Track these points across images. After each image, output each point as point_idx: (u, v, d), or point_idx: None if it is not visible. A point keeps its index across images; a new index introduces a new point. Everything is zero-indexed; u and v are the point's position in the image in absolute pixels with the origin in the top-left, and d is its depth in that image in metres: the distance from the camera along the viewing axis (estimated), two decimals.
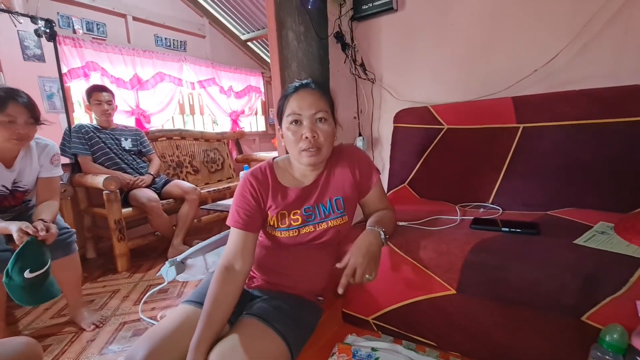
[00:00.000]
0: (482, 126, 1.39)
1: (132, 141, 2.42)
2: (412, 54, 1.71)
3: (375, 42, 1.78)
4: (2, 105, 1.26)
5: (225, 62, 3.59)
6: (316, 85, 0.94)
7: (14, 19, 2.09)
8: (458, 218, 1.15)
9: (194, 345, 0.81)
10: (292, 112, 0.90)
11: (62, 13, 2.41)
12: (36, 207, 1.47)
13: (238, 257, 0.92)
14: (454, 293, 0.91)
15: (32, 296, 1.28)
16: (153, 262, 2.28)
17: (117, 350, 1.35)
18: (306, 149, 0.89)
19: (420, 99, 1.70)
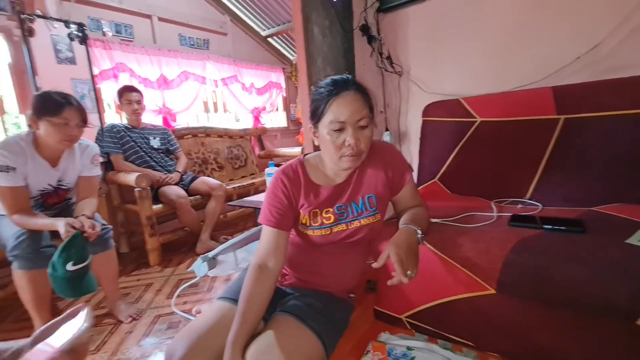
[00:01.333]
0: (519, 118, 1.33)
1: (160, 140, 2.49)
2: (442, 44, 1.65)
3: (402, 34, 1.73)
4: (59, 108, 1.34)
5: (246, 59, 3.61)
6: (357, 87, 0.89)
7: (49, 24, 2.18)
8: (495, 215, 1.10)
9: (230, 342, 0.82)
10: (335, 120, 0.86)
11: (92, 17, 2.49)
12: (76, 204, 1.54)
13: (271, 256, 0.93)
14: (494, 293, 0.88)
15: (73, 289, 1.34)
16: (183, 256, 2.35)
17: (153, 343, 1.40)
18: (347, 155, 0.88)
19: (451, 91, 1.64)
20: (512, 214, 1.09)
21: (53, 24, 2.19)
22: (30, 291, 1.38)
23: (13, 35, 2.11)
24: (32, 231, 1.36)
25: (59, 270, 1.26)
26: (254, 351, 0.80)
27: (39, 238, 1.37)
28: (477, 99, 1.47)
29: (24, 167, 1.38)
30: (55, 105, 1.35)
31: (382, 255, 0.86)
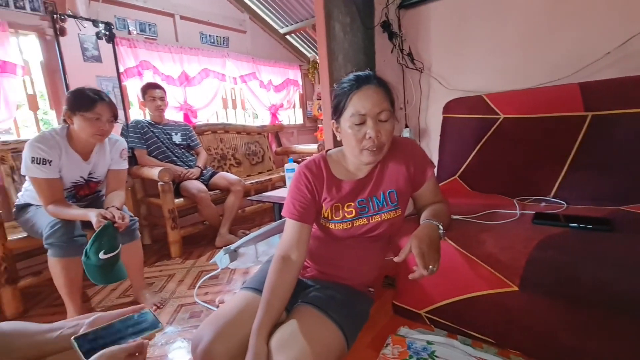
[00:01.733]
0: (544, 115, 1.30)
1: (182, 135, 2.56)
2: (464, 40, 1.63)
3: (424, 30, 1.72)
4: (92, 104, 1.41)
5: (264, 56, 3.65)
6: (378, 81, 0.91)
7: (79, 24, 2.27)
8: (518, 212, 1.09)
9: (255, 330, 0.85)
10: (356, 112, 0.88)
11: (119, 16, 2.58)
12: (105, 196, 1.61)
13: (294, 248, 0.95)
14: (516, 290, 0.88)
15: (104, 276, 1.41)
16: (203, 249, 2.42)
17: (177, 331, 1.45)
18: (369, 148, 0.88)
19: (473, 87, 1.62)
20: (535, 211, 1.07)
21: (82, 23, 2.28)
22: (63, 277, 1.45)
23: (46, 35, 2.20)
24: (65, 221, 1.43)
25: (92, 258, 1.33)
26: (278, 339, 0.83)
27: (72, 227, 1.44)
28: (500, 95, 1.45)
29: (59, 160, 1.45)
30: (88, 101, 1.42)
31: (404, 249, 0.87)
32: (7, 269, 1.58)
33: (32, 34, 2.18)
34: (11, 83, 1.98)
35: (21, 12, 2.08)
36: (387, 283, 1.37)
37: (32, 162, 1.38)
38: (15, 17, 2.05)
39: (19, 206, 1.62)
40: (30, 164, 1.39)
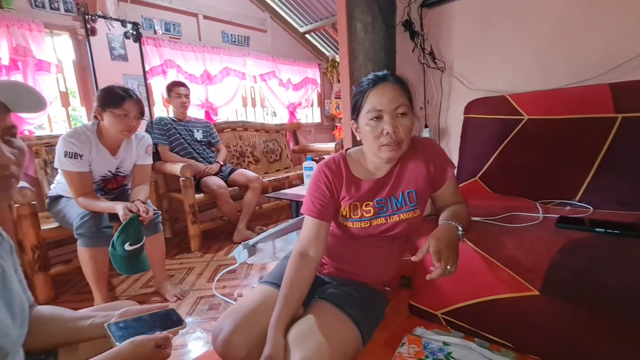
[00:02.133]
0: (571, 116, 1.26)
1: (203, 132, 2.62)
2: (488, 39, 1.60)
3: (447, 29, 1.70)
4: (121, 101, 1.47)
5: (284, 55, 3.68)
6: (395, 78, 0.92)
7: (108, 24, 2.36)
8: (540, 215, 1.07)
9: (273, 322, 0.87)
10: (372, 109, 0.89)
11: (145, 16, 2.66)
12: (131, 190, 1.68)
13: (312, 245, 0.97)
14: (537, 294, 0.86)
15: (129, 266, 1.48)
16: (221, 244, 2.48)
17: (196, 321, 1.50)
18: (387, 144, 0.89)
19: (496, 87, 1.59)
20: (559, 215, 1.05)
21: (112, 23, 2.37)
22: (91, 266, 1.52)
23: (78, 35, 2.31)
24: (94, 213, 1.51)
25: (118, 249, 1.39)
26: (296, 333, 0.85)
27: (100, 219, 1.51)
28: (524, 95, 1.41)
29: (89, 154, 1.52)
30: (117, 98, 1.48)
31: (422, 248, 0.87)
32: (40, 256, 1.67)
33: (66, 33, 2.29)
34: (46, 80, 2.08)
35: (56, 13, 2.19)
36: (403, 283, 1.37)
37: (65, 155, 1.46)
38: (51, 17, 2.16)
39: (52, 197, 1.71)
40: (63, 158, 1.46)
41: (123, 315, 0.71)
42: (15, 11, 1.98)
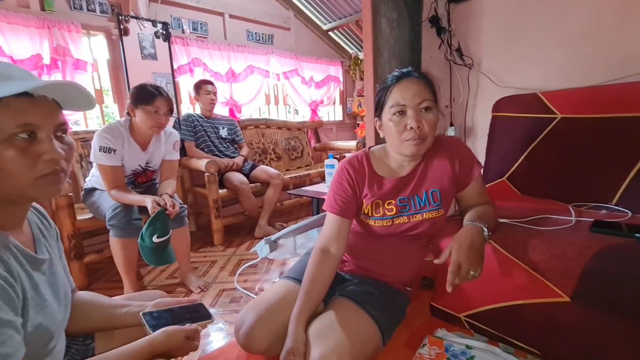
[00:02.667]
0: (609, 115, 1.20)
1: (228, 130, 2.68)
2: (520, 34, 1.54)
3: (475, 24, 1.65)
4: (152, 98, 1.54)
5: (307, 52, 3.69)
6: (419, 74, 0.92)
7: (140, 24, 2.46)
8: (573, 219, 1.02)
9: (294, 317, 0.89)
10: (395, 103, 0.89)
11: (174, 16, 2.75)
12: (160, 184, 1.75)
13: (333, 241, 0.97)
14: (568, 301, 0.83)
15: (157, 258, 1.54)
16: (242, 239, 2.53)
17: (218, 313, 1.54)
18: (410, 139, 0.88)
19: (527, 85, 1.53)
20: (594, 219, 1.00)
21: (143, 23, 2.46)
22: (122, 256, 1.60)
23: (112, 35, 2.41)
24: (125, 205, 1.57)
25: (147, 241, 1.45)
26: (317, 328, 0.86)
27: (130, 211, 1.58)
28: (558, 93, 1.35)
29: (122, 149, 1.59)
30: (149, 95, 1.54)
31: (445, 252, 0.86)
32: (75, 245, 1.77)
33: (101, 34, 2.40)
34: (83, 79, 2.20)
35: (92, 15, 2.30)
36: (425, 284, 1.35)
37: (100, 150, 1.54)
38: (87, 19, 2.27)
39: (86, 190, 1.80)
40: (98, 152, 1.54)
41: (156, 306, 0.75)
42: (55, 13, 2.09)
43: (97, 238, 2.11)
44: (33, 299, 0.54)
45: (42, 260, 0.60)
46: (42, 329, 0.55)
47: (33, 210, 0.68)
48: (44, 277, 0.60)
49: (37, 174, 0.52)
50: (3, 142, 0.49)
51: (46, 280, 0.61)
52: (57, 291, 0.63)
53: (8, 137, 0.49)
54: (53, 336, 0.59)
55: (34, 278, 0.56)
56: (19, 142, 0.50)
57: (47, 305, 0.58)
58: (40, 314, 0.55)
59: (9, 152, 0.49)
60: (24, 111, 0.50)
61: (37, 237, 0.64)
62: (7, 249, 0.52)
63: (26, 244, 0.59)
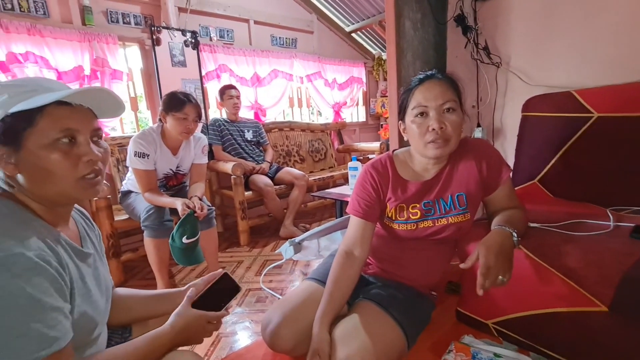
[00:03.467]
0: None
1: (253, 133, 2.75)
2: (552, 30, 1.47)
3: (504, 22, 1.59)
4: (181, 105, 1.62)
5: (330, 55, 3.71)
6: (443, 75, 0.91)
7: (171, 34, 2.57)
8: (611, 224, 0.97)
9: (318, 318, 0.90)
10: (417, 105, 0.88)
11: (203, 24, 2.85)
12: (189, 186, 1.83)
13: (357, 244, 0.98)
14: (605, 311, 0.79)
15: (186, 258, 1.61)
16: (267, 239, 2.58)
17: (244, 312, 1.59)
18: (433, 141, 0.87)
19: (560, 82, 1.46)
20: (635, 224, 0.94)
21: (173, 33, 2.58)
22: (155, 255, 1.68)
23: (145, 45, 2.55)
24: (157, 207, 1.66)
25: (177, 241, 1.53)
26: (342, 330, 0.87)
27: (162, 213, 1.67)
28: (594, 91, 1.28)
29: (154, 154, 1.68)
30: (178, 102, 1.62)
31: (471, 257, 0.84)
32: (113, 244, 1.88)
33: (135, 44, 2.54)
34: (119, 87, 2.33)
35: (127, 27, 2.44)
36: (450, 289, 1.32)
37: (135, 155, 1.63)
38: (123, 31, 2.41)
39: (123, 192, 1.91)
40: (133, 157, 1.63)
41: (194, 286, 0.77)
42: (94, 27, 2.24)
43: (132, 237, 2.23)
44: (80, 289, 0.59)
45: (88, 254, 0.66)
46: (87, 316, 0.61)
47: (77, 212, 0.75)
48: (89, 269, 0.66)
49: (78, 175, 0.58)
50: (48, 146, 0.55)
51: (91, 273, 0.66)
52: (100, 284, 0.69)
53: (52, 142, 0.56)
54: (97, 325, 0.65)
55: (81, 269, 0.62)
56: (61, 146, 0.56)
57: (91, 295, 0.63)
58: (86, 303, 0.61)
59: (54, 155, 0.56)
60: (65, 117, 0.57)
61: (83, 234, 0.70)
62: (58, 242, 0.58)
63: (74, 239, 0.65)
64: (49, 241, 0.55)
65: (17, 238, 0.50)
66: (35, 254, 0.50)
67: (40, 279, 0.50)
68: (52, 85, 0.59)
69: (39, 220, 0.58)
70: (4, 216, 0.54)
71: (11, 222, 0.53)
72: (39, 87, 0.57)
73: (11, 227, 0.52)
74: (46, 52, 2.04)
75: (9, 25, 1.91)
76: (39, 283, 0.49)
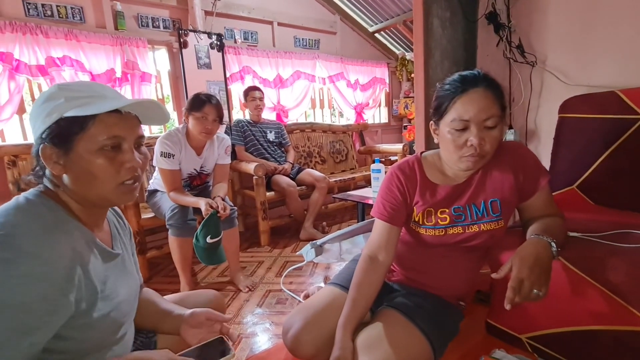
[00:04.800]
0: None
1: (275, 134, 2.76)
2: (593, 25, 1.38)
3: (540, 18, 1.51)
4: (201, 105, 1.65)
5: (353, 55, 3.68)
6: (488, 83, 0.81)
7: (197, 37, 2.63)
8: None
9: (341, 325, 0.87)
10: (459, 118, 0.81)
11: (228, 27, 2.90)
12: (212, 186, 1.85)
13: (382, 249, 0.95)
14: None
15: (209, 257, 1.63)
16: (288, 240, 2.58)
17: (264, 313, 1.59)
18: (469, 156, 0.82)
19: (602, 82, 1.36)
20: None
21: (200, 36, 2.64)
22: (178, 253, 1.71)
23: (173, 48, 2.62)
24: (182, 206, 1.69)
25: (201, 241, 1.55)
26: (365, 339, 0.84)
27: (186, 212, 1.69)
28: None
29: (179, 154, 1.71)
30: (199, 103, 1.65)
31: (504, 267, 0.79)
32: (139, 241, 1.94)
33: (163, 48, 2.61)
34: (148, 90, 2.41)
35: (156, 30, 2.52)
36: (479, 299, 1.26)
37: (161, 155, 1.67)
38: (153, 34, 2.48)
39: (150, 191, 1.96)
40: (159, 157, 1.67)
41: (192, 315, 0.75)
42: (126, 31, 2.32)
43: (157, 235, 2.28)
44: (102, 292, 0.60)
45: (116, 255, 0.67)
46: (110, 318, 0.61)
47: (112, 211, 0.76)
48: (116, 270, 0.67)
49: (119, 181, 0.60)
50: (95, 151, 0.57)
51: (118, 274, 0.67)
52: (126, 284, 0.69)
53: (100, 147, 0.58)
54: (122, 325, 0.65)
55: (106, 272, 0.63)
56: (107, 152, 0.58)
57: (116, 297, 0.64)
58: (110, 304, 0.61)
59: (99, 160, 0.58)
60: (113, 125, 0.59)
61: (114, 234, 0.71)
62: (88, 245, 0.60)
63: (105, 240, 0.66)
64: (77, 245, 0.56)
65: (41, 243, 0.51)
66: (45, 263, 0.50)
67: (28, 291, 0.49)
68: (106, 92, 0.61)
69: (75, 221, 0.59)
70: (38, 216, 0.55)
71: (43, 223, 0.54)
72: (94, 92, 0.59)
73: (41, 227, 0.53)
74: (81, 56, 2.13)
75: (48, 31, 2.02)
76: (24, 294, 0.48)
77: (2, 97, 1.94)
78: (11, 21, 1.92)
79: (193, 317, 0.75)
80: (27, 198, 0.56)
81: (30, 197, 0.57)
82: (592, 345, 0.83)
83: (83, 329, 0.56)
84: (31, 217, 0.53)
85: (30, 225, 0.52)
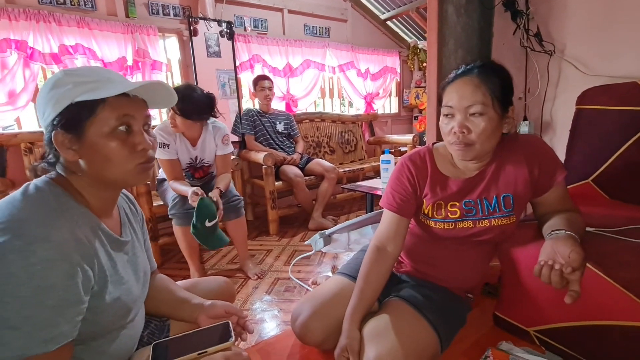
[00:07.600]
0: None
1: (284, 124, 2.76)
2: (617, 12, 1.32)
3: (559, 5, 1.45)
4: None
5: (364, 44, 3.62)
6: (480, 71, 0.81)
7: (207, 24, 2.62)
8: None
9: (348, 314, 0.88)
10: (445, 105, 0.85)
11: (237, 14, 2.87)
12: (216, 178, 1.86)
13: (390, 240, 0.95)
14: None
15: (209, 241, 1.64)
16: (296, 230, 2.60)
17: (273, 301, 1.61)
18: (454, 143, 0.83)
19: (624, 72, 1.31)
20: None
21: (210, 23, 2.62)
22: (183, 241, 1.75)
23: (183, 36, 2.61)
24: (182, 196, 1.70)
25: (199, 227, 1.56)
26: (372, 329, 0.85)
27: (186, 201, 1.70)
28: None
29: (174, 144, 1.72)
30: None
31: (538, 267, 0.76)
32: (152, 228, 1.98)
33: (174, 36, 2.61)
34: (158, 78, 2.42)
35: (167, 18, 2.51)
36: (487, 291, 1.26)
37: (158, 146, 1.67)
38: (163, 22, 2.48)
39: (159, 180, 1.99)
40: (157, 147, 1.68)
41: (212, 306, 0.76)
42: (137, 19, 2.32)
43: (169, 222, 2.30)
44: (112, 276, 0.62)
45: (124, 242, 0.69)
46: (120, 302, 0.63)
47: (124, 197, 0.77)
48: (125, 256, 0.68)
49: (134, 162, 0.62)
50: (107, 134, 0.58)
51: (127, 260, 0.68)
52: (136, 269, 0.71)
53: (111, 130, 0.59)
54: (131, 309, 0.67)
55: (114, 258, 0.64)
56: (119, 134, 0.60)
57: (124, 282, 0.65)
58: (119, 289, 0.63)
59: (112, 143, 0.59)
60: (123, 106, 0.60)
61: (124, 221, 0.72)
62: (95, 232, 0.61)
63: (113, 227, 0.67)
64: (83, 232, 0.57)
65: (46, 226, 0.52)
66: (57, 246, 0.51)
67: (54, 273, 0.50)
68: (111, 75, 0.62)
69: (81, 207, 0.60)
70: (43, 203, 0.55)
71: (48, 210, 0.54)
72: (100, 77, 0.59)
73: (46, 214, 0.53)
74: (93, 44, 2.15)
75: (61, 19, 2.03)
76: (50, 277, 0.49)
77: (17, 85, 1.97)
78: (25, 9, 1.93)
79: (213, 308, 0.76)
80: (37, 185, 0.57)
81: (39, 185, 0.58)
82: (601, 340, 0.82)
83: (95, 311, 0.58)
84: (36, 204, 0.54)
85: (34, 213, 0.53)
